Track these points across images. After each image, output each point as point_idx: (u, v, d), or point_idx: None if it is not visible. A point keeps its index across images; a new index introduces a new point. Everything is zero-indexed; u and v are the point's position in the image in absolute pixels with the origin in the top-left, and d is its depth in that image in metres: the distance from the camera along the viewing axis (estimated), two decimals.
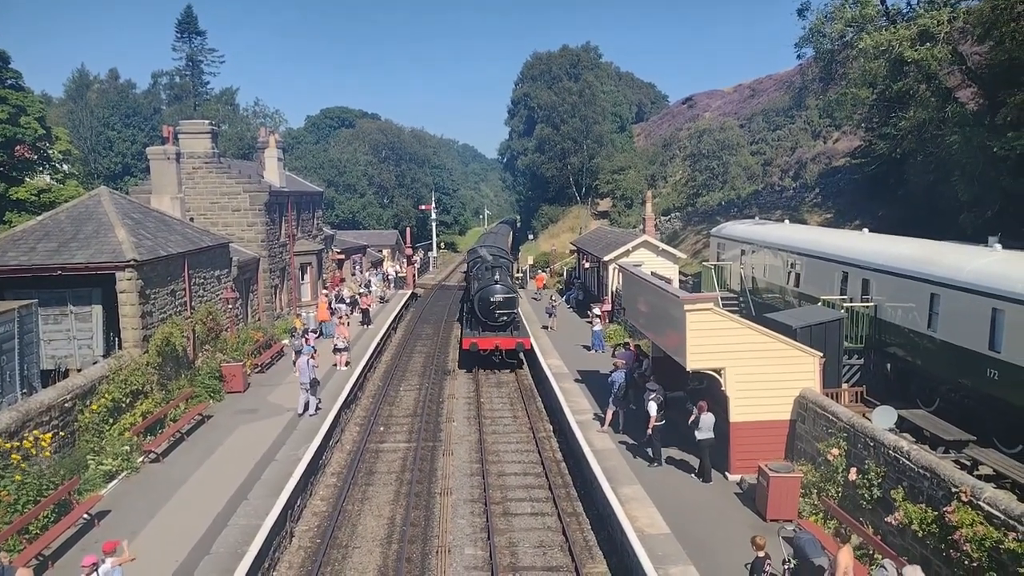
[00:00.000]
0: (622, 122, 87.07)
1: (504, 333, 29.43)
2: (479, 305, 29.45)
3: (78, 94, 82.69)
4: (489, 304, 29.05)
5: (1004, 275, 16.42)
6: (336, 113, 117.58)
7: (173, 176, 28.98)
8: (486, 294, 29.27)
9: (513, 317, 29.73)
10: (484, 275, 31.03)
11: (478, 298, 29.59)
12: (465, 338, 29.40)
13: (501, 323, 29.47)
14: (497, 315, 29.21)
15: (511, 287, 30.25)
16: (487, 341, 28.73)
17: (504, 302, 29.19)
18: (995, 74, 27.64)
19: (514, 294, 29.82)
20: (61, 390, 17.05)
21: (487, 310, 29.15)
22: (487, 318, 29.29)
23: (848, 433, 14.61)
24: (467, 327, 30.88)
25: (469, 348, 28.66)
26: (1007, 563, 10.32)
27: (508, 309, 29.29)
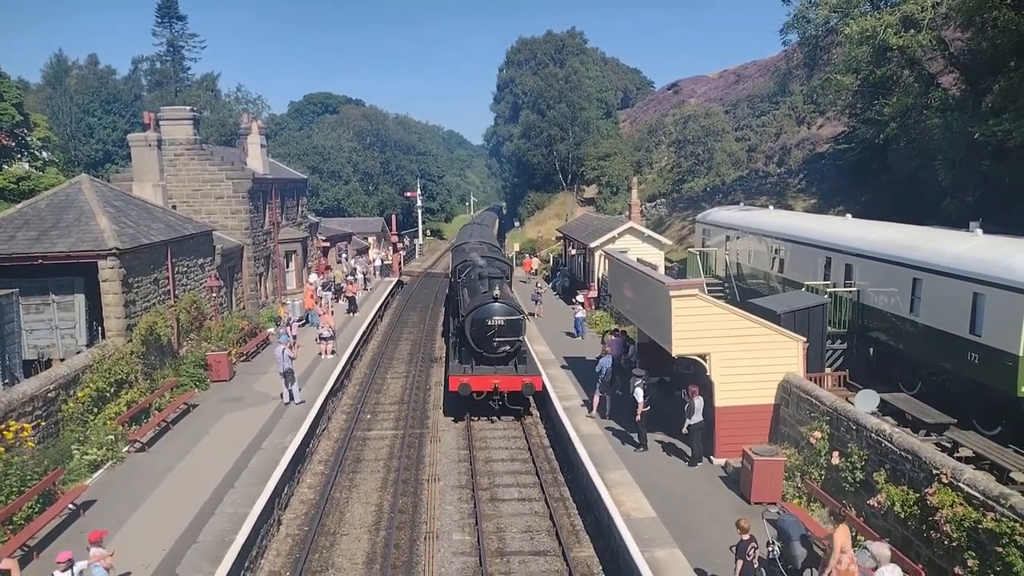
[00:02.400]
0: (608, 108, 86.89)
1: (506, 368, 21.90)
2: (472, 330, 21.82)
3: (56, 80, 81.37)
4: (486, 329, 21.64)
5: (985, 260, 16.62)
6: (320, 99, 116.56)
7: (155, 163, 28.65)
8: (482, 315, 21.67)
9: (518, 346, 22.11)
10: (476, 286, 23.66)
11: (471, 320, 21.78)
12: (452, 375, 21.48)
13: (502, 355, 21.98)
14: (496, 344, 21.71)
15: (515, 305, 22.67)
16: (482, 381, 21.26)
17: (507, 327, 21.70)
18: (977, 60, 27.84)
19: (520, 315, 22.17)
20: (44, 380, 16.90)
21: (483, 337, 21.73)
22: (483, 347, 21.81)
23: (831, 417, 14.80)
24: (455, 358, 22.80)
25: (459, 391, 21.00)
26: (985, 542, 10.53)
27: (512, 336, 21.87)
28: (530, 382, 21.35)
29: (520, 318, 22.01)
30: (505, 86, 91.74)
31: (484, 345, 21.77)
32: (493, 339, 21.66)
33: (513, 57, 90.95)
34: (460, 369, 21.81)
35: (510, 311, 21.87)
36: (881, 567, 10.17)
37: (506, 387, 21.26)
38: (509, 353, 22.00)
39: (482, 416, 21.90)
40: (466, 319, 22.01)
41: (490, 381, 21.22)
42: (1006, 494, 10.49)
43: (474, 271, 25.41)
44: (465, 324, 22.05)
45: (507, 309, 21.85)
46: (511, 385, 21.28)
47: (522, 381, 21.24)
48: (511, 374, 21.52)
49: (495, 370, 21.67)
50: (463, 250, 32.41)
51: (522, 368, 21.89)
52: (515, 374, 21.52)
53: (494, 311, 21.68)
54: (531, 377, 21.59)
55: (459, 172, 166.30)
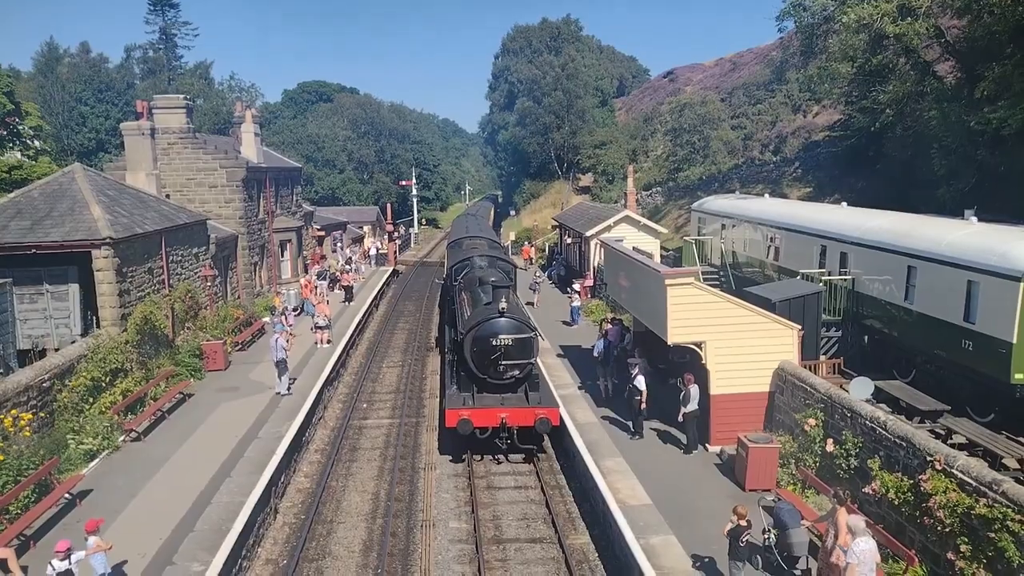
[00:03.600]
0: (603, 96, 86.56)
1: (514, 397, 18.15)
2: (474, 351, 17.96)
3: (48, 68, 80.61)
4: (491, 351, 17.76)
5: (979, 248, 16.65)
6: (314, 87, 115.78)
7: (148, 152, 28.50)
8: (485, 334, 17.82)
9: (529, 370, 18.32)
10: (476, 294, 19.80)
11: (472, 340, 17.94)
12: (449, 408, 17.60)
13: (509, 381, 18.18)
14: (503, 368, 17.96)
15: (525, 320, 18.75)
16: (486, 415, 17.49)
17: (516, 348, 17.82)
18: (973, 48, 27.76)
19: (531, 332, 18.32)
20: (38, 370, 16.87)
21: (487, 360, 17.85)
22: (486, 371, 18.02)
23: (826, 404, 14.86)
24: (452, 383, 18.87)
25: (458, 428, 17.28)
26: (977, 528, 10.61)
27: (522, 358, 17.96)
28: (545, 416, 17.27)
29: (531, 336, 18.08)
30: (500, 74, 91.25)
31: (488, 369, 17.89)
32: (499, 362, 17.73)
33: (508, 45, 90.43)
34: (459, 399, 17.88)
35: (519, 328, 17.92)
36: (857, 538, 10.35)
37: (515, 422, 17.43)
38: (518, 379, 18.11)
39: (486, 455, 18.40)
40: (466, 338, 17.96)
41: (495, 415, 17.36)
42: (998, 480, 10.56)
43: (473, 273, 22.02)
44: (464, 344, 17.99)
45: (516, 326, 17.89)
46: (521, 420, 17.42)
47: (535, 415, 17.25)
48: (521, 405, 17.71)
49: (501, 400, 17.88)
50: (460, 247, 28.72)
51: (534, 397, 17.98)
52: (526, 405, 17.68)
53: (500, 328, 17.73)
54: (546, 409, 17.47)
55: (454, 161, 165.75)
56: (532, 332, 18.27)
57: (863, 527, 10.40)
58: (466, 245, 28.22)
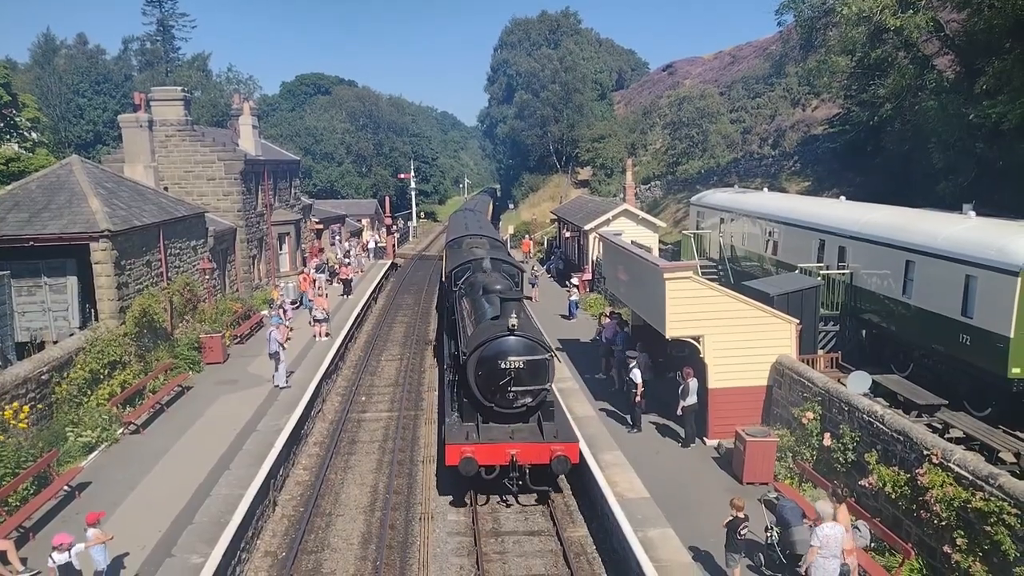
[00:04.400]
0: (602, 89, 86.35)
1: (526, 429, 15.48)
2: (479, 375, 15.27)
3: (45, 60, 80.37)
4: (499, 375, 15.10)
5: (977, 242, 16.67)
6: (312, 79, 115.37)
7: (146, 144, 28.43)
8: (492, 354, 15.10)
9: (543, 396, 15.64)
10: (481, 306, 17.38)
11: (477, 361, 15.25)
12: (450, 443, 14.92)
13: (520, 409, 15.49)
14: (513, 396, 15.25)
15: (539, 339, 15.84)
16: (493, 451, 14.88)
17: (528, 371, 15.15)
18: (972, 42, 27.73)
19: (546, 353, 15.51)
20: (37, 362, 16.86)
21: (494, 385, 15.17)
22: (493, 399, 15.32)
23: (823, 398, 14.91)
24: (453, 409, 16.28)
25: (460, 468, 14.69)
26: (973, 521, 10.67)
27: (536, 383, 15.28)
28: (562, 454, 14.68)
29: (546, 358, 15.28)
30: (499, 67, 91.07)
31: (495, 396, 15.20)
32: (508, 389, 15.02)
33: (507, 38, 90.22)
34: (461, 432, 15.20)
35: (532, 348, 15.15)
36: (823, 523, 10.55)
37: (527, 459, 14.84)
38: (530, 407, 15.48)
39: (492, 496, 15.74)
40: (469, 359, 15.21)
41: (504, 451, 14.75)
42: (995, 474, 10.62)
43: (476, 278, 19.55)
44: (468, 366, 15.24)
45: (528, 346, 15.13)
46: (534, 457, 14.85)
47: (550, 451, 14.69)
48: (534, 439, 15.10)
49: (511, 432, 15.24)
50: (459, 247, 26.37)
51: (549, 429, 15.27)
52: (540, 439, 15.06)
53: (510, 349, 14.99)
54: (563, 445, 14.84)
55: (453, 154, 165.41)
56: (547, 353, 15.34)
57: (830, 512, 10.67)
58: (466, 245, 26.06)
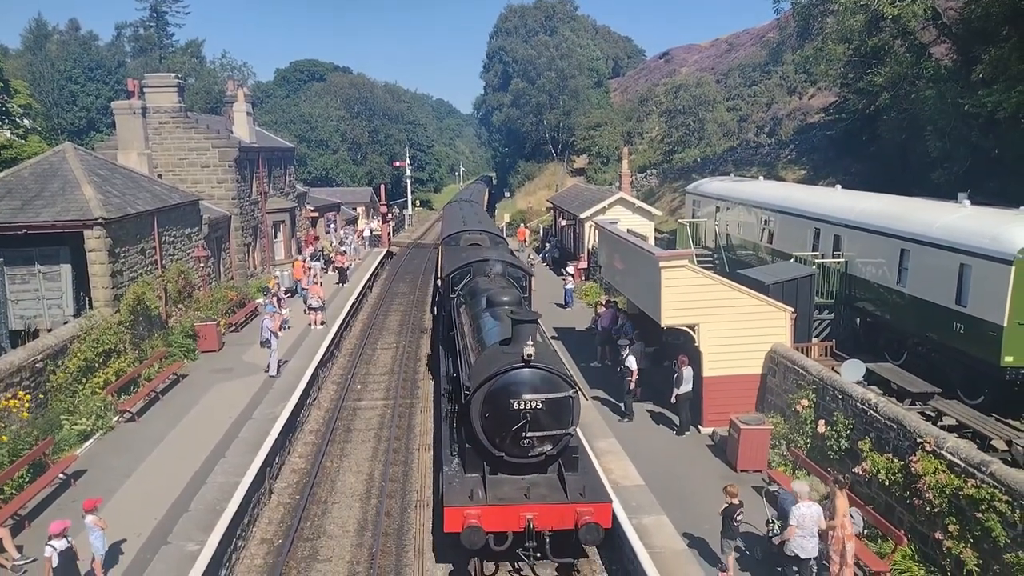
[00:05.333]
0: (599, 77, 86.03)
1: (543, 483, 12.17)
2: (485, 416, 11.96)
3: (37, 45, 79.71)
4: (511, 418, 11.78)
5: (972, 231, 16.70)
6: (306, 66, 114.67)
7: (140, 131, 28.28)
8: (503, 391, 11.78)
9: (566, 443, 12.22)
10: (486, 325, 14.10)
11: (484, 401, 11.93)
12: (450, 505, 11.61)
13: (538, 458, 12.17)
14: (528, 443, 11.89)
15: (559, 371, 12.20)
16: (504, 514, 11.59)
17: (548, 412, 11.82)
18: (969, 30, 27.70)
19: (570, 389, 12.03)
20: (31, 350, 16.82)
21: (504, 431, 11.88)
22: (502, 445, 11.98)
23: (817, 386, 14.97)
24: (453, 454, 12.92)
25: (463, 539, 11.39)
26: (965, 508, 10.75)
27: (557, 427, 11.94)
28: (591, 519, 11.33)
29: (570, 395, 11.82)
30: (495, 54, 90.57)
31: (506, 443, 11.81)
32: (523, 435, 11.67)
33: (503, 25, 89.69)
34: (463, 488, 11.84)
35: (553, 383, 11.72)
36: (800, 503, 10.82)
37: (547, 524, 11.54)
38: (550, 456, 12.07)
39: (501, 563, 12.48)
40: (474, 397, 11.83)
41: (518, 515, 11.42)
42: (987, 461, 10.70)
43: (477, 285, 16.66)
44: (472, 405, 11.84)
45: (548, 380, 11.70)
46: (556, 521, 11.55)
47: (576, 514, 11.34)
48: (556, 498, 11.66)
49: (526, 488, 11.82)
50: (456, 244, 23.53)
51: (574, 483, 11.79)
52: (563, 499, 11.61)
53: (524, 385, 11.59)
54: (593, 505, 11.42)
55: (448, 142, 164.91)
56: (571, 389, 11.86)
57: (807, 491, 10.96)
58: (464, 241, 23.55)
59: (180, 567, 11.44)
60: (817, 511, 10.79)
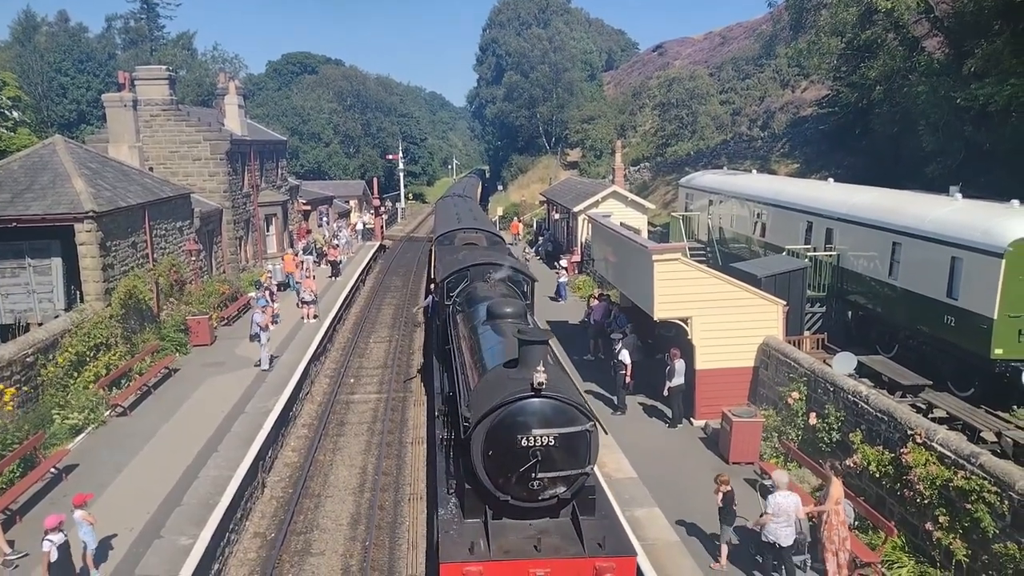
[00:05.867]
0: (592, 70, 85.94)
1: (555, 530, 10.25)
2: (488, 455, 9.90)
3: (25, 37, 78.91)
4: (519, 456, 9.75)
5: (963, 224, 16.76)
6: (298, 59, 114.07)
7: (130, 124, 28.09)
8: (509, 426, 9.74)
9: (582, 482, 10.13)
10: (487, 341, 12.36)
11: (487, 436, 9.84)
12: (446, 561, 9.64)
13: (549, 502, 10.17)
14: (539, 485, 9.90)
15: (576, 400, 10.09)
16: (511, 571, 9.69)
17: (562, 448, 9.83)
18: (962, 24, 27.74)
19: (588, 422, 9.89)
20: (22, 344, 16.72)
21: (510, 471, 9.87)
22: (507, 488, 9.94)
23: (809, 379, 15.03)
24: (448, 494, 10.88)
25: None
26: (955, 499, 10.83)
27: (571, 467, 9.96)
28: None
29: (587, 429, 9.91)
30: (488, 47, 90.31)
31: (513, 486, 9.93)
32: (532, 476, 9.85)
33: (496, 17, 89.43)
34: (462, 539, 10.06)
35: (568, 415, 9.85)
36: (778, 491, 10.94)
37: None
38: (563, 499, 10.19)
39: None
40: (475, 431, 9.93)
41: (527, 571, 9.79)
42: (976, 453, 10.77)
43: (476, 291, 15.12)
44: (473, 442, 9.98)
45: (561, 411, 9.83)
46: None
47: (594, 570, 9.72)
48: (570, 551, 9.88)
49: (535, 538, 9.96)
50: (451, 244, 21.96)
51: (591, 530, 10.05)
52: (579, 550, 9.86)
53: (534, 418, 9.77)
54: (613, 559, 9.76)
55: (442, 135, 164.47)
56: (589, 422, 9.93)
57: (785, 482, 11.10)
58: (459, 241, 22.12)
59: (173, 561, 11.43)
60: (795, 500, 10.91)
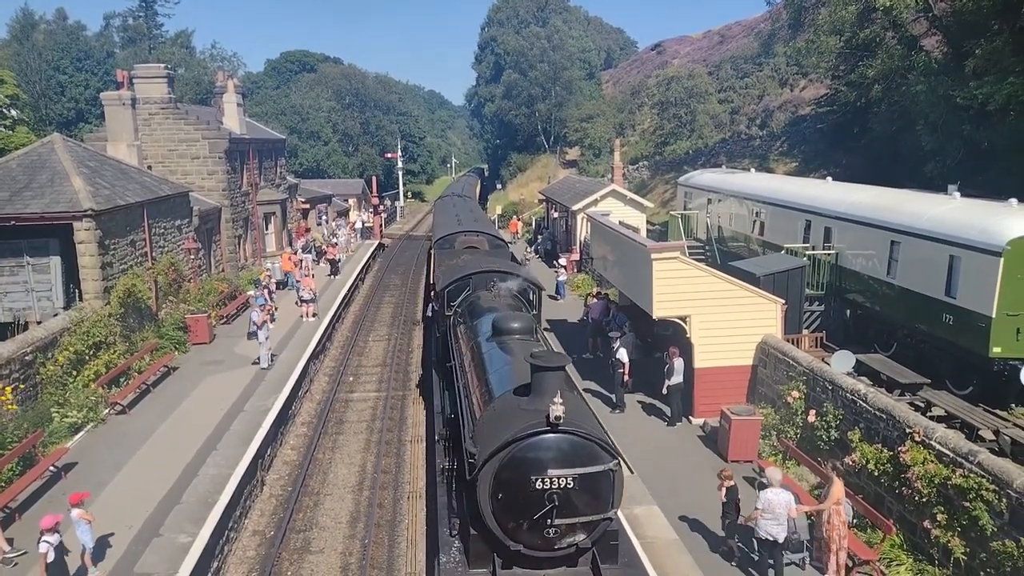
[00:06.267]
0: (591, 69, 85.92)
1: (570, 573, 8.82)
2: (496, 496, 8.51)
3: (23, 35, 78.76)
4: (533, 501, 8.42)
5: (961, 223, 16.78)
6: (297, 57, 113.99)
7: (129, 122, 28.05)
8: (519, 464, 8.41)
9: (604, 527, 8.88)
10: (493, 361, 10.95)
11: (495, 476, 8.45)
12: None
13: (566, 551, 8.80)
14: (555, 533, 8.57)
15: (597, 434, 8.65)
16: None
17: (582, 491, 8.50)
18: (960, 22, 27.75)
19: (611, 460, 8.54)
20: (21, 343, 16.72)
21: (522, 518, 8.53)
22: (518, 535, 8.61)
23: (808, 377, 15.06)
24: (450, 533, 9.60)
25: None
26: (953, 497, 10.86)
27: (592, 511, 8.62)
28: None
29: (610, 468, 8.65)
30: (487, 45, 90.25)
31: (525, 534, 8.67)
32: (547, 522, 8.58)
33: (495, 15, 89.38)
34: None
35: (588, 453, 8.60)
36: (770, 487, 11.02)
37: None
38: (580, 548, 8.91)
39: None
40: (481, 473, 8.64)
41: None
42: (974, 451, 10.80)
43: (480, 302, 13.97)
44: (479, 485, 8.70)
45: (582, 449, 8.58)
46: None
47: None
48: None
49: None
50: (451, 247, 20.79)
51: None
52: None
53: (550, 457, 8.51)
54: None
55: (440, 133, 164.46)
56: (613, 460, 8.64)
57: (778, 479, 11.17)
58: (459, 244, 20.99)
59: (172, 559, 11.45)
60: (787, 498, 10.95)
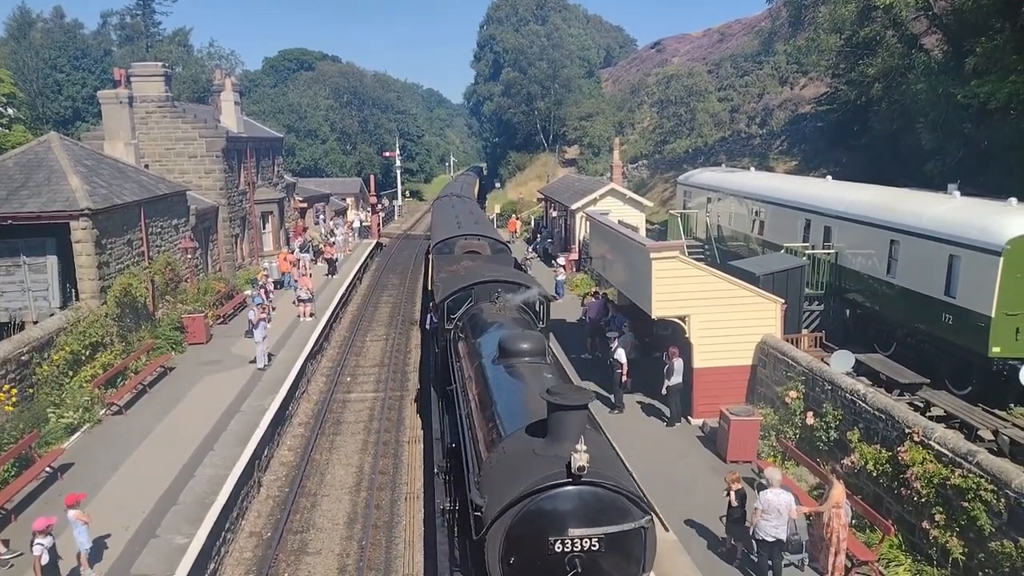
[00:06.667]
0: (590, 67, 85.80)
1: None
2: (509, 561, 7.26)
3: (20, 34, 78.61)
4: (551, 564, 7.20)
5: (961, 222, 16.73)
6: (295, 55, 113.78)
7: (126, 121, 27.97)
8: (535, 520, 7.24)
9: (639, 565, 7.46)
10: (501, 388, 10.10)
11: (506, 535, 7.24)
12: None
13: None
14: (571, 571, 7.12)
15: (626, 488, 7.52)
16: None
17: (608, 551, 7.31)
18: (960, 21, 27.68)
19: (643, 516, 7.45)
20: (17, 343, 16.64)
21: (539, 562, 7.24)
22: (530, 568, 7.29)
23: (807, 377, 15.01)
24: None
25: None
26: (952, 498, 10.82)
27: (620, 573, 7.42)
28: None
29: (642, 526, 7.50)
30: (486, 43, 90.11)
31: None
32: None
33: (494, 13, 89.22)
34: None
35: (618, 508, 7.43)
36: (770, 488, 11.01)
37: None
38: None
39: None
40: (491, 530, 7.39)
41: None
42: (973, 451, 10.76)
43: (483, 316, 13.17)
44: (489, 543, 7.41)
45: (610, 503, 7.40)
46: None
47: None
48: None
49: None
50: (451, 252, 19.85)
51: None
52: None
53: (571, 511, 7.31)
54: None
55: (439, 132, 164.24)
56: (645, 516, 7.62)
57: (777, 480, 11.14)
58: (459, 249, 20.04)
59: (169, 560, 11.39)
60: (787, 498, 10.91)
